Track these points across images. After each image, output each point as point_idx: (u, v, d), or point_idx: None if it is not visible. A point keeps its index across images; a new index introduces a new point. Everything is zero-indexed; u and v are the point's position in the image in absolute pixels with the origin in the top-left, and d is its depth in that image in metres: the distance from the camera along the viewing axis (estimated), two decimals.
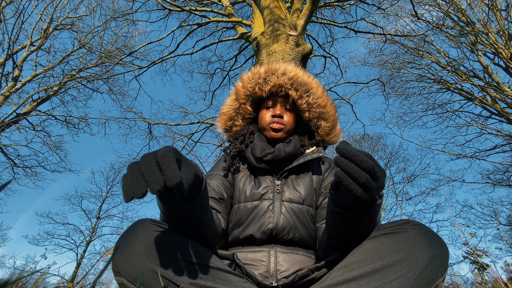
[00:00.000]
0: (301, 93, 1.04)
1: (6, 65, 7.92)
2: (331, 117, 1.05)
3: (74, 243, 11.93)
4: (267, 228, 0.86)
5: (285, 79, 1.04)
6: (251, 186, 0.96)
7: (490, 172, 9.13)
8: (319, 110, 1.04)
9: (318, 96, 1.04)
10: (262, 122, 1.06)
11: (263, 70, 1.07)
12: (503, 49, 7.71)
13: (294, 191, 0.94)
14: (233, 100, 1.12)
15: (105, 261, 9.07)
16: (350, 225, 0.64)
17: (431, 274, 0.55)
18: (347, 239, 0.68)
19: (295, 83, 1.04)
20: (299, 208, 0.91)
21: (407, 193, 13.30)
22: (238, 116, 1.11)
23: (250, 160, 1.00)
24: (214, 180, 0.97)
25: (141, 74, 6.60)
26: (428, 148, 8.81)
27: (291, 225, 0.87)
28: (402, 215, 11.53)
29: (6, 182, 0.28)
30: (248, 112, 1.11)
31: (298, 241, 0.88)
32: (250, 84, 1.07)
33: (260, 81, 1.06)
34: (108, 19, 7.97)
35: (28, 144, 8.40)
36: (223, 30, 7.47)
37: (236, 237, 0.90)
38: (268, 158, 0.96)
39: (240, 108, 1.11)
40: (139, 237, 0.61)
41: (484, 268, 1.86)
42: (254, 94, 1.08)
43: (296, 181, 0.98)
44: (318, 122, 1.06)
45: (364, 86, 7.52)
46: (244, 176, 1.01)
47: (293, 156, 0.98)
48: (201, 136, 7.11)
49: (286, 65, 1.07)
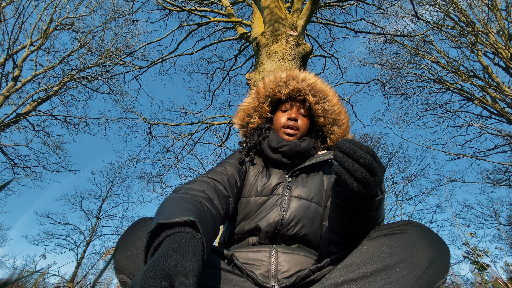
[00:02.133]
0: (318, 99, 1.10)
1: (6, 65, 7.93)
2: (344, 124, 1.12)
3: (74, 243, 11.95)
4: (273, 221, 0.88)
5: (304, 85, 1.10)
6: (263, 182, 0.99)
7: (490, 172, 9.15)
8: (334, 117, 1.10)
9: (334, 104, 1.11)
10: (277, 124, 1.13)
11: (284, 75, 1.14)
12: (503, 49, 7.71)
13: (303, 188, 0.97)
14: (253, 98, 1.19)
15: (105, 261, 9.07)
16: (350, 218, 0.65)
17: (432, 276, 0.55)
18: (347, 234, 0.69)
19: (313, 89, 1.10)
20: (307, 204, 0.93)
21: (407, 193, 13.31)
22: (256, 113, 1.18)
23: (266, 151, 1.04)
24: (232, 167, 1.00)
25: (141, 74, 6.61)
26: (428, 148, 8.81)
27: (297, 219, 0.89)
28: (402, 215, 11.53)
29: (6, 182, 0.28)
30: (265, 112, 1.17)
31: (302, 237, 0.89)
32: (271, 86, 1.14)
33: (280, 84, 1.13)
34: (108, 19, 7.98)
35: (28, 144, 8.41)
36: (223, 30, 7.47)
37: (242, 228, 0.92)
38: (284, 149, 1.00)
39: (259, 106, 1.17)
40: (140, 235, 0.62)
41: (484, 268, 1.86)
42: (273, 96, 1.15)
43: (306, 179, 1.01)
44: (332, 128, 1.12)
45: (364, 86, 7.54)
46: (257, 171, 1.04)
47: (307, 154, 1.03)
48: (201, 136, 7.12)
49: (306, 73, 1.14)
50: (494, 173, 9.01)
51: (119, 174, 13.51)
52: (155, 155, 7.65)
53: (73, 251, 11.73)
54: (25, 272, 8.97)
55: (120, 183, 13.79)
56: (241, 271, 0.75)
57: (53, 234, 11.96)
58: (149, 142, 7.29)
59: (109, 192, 13.26)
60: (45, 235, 11.88)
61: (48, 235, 11.86)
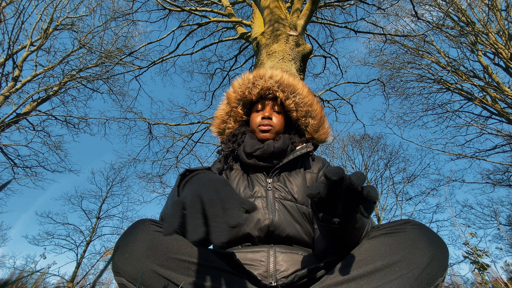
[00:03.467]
0: (288, 94, 1.11)
1: (6, 65, 7.93)
2: (318, 114, 1.12)
3: (74, 243, 11.94)
4: (264, 225, 0.87)
5: (272, 82, 1.11)
6: (244, 185, 0.99)
7: (490, 172, 9.14)
8: (306, 109, 1.11)
9: (304, 96, 1.11)
10: (253, 124, 1.13)
11: (251, 76, 1.15)
12: (503, 49, 7.70)
13: (286, 188, 0.96)
14: (225, 104, 1.20)
15: (105, 261, 9.08)
16: (340, 235, 0.63)
17: (431, 274, 0.55)
18: (341, 247, 0.68)
19: (281, 85, 1.11)
20: (292, 205, 0.93)
21: (407, 193, 13.29)
22: (230, 119, 1.18)
23: (242, 157, 1.04)
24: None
25: (141, 74, 6.60)
26: (428, 148, 8.81)
27: (287, 222, 0.88)
28: (402, 215, 11.53)
29: (6, 182, 0.28)
30: (240, 115, 1.17)
31: (295, 238, 0.89)
32: (240, 89, 1.15)
33: (249, 85, 1.13)
34: (108, 19, 7.97)
35: (28, 144, 8.40)
36: (223, 30, 7.47)
37: (233, 236, 0.91)
38: (258, 153, 1.00)
39: (232, 111, 1.18)
40: (139, 237, 0.61)
41: (484, 268, 1.86)
42: (244, 98, 1.15)
43: (288, 178, 1.00)
44: (306, 120, 1.12)
45: (364, 86, 7.53)
46: (238, 176, 1.04)
47: (283, 152, 1.02)
48: (201, 136, 7.11)
49: (273, 70, 1.14)
50: (494, 173, 9.01)
51: (119, 174, 13.52)
52: (155, 155, 7.65)
53: (73, 251, 11.73)
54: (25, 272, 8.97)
55: (120, 183, 13.78)
56: (240, 271, 0.75)
57: (53, 234, 11.95)
58: (149, 142, 7.28)
59: (109, 192, 13.25)
60: (45, 235, 11.88)
61: (48, 235, 11.85)
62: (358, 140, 13.16)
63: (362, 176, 0.49)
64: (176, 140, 7.12)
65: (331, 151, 13.03)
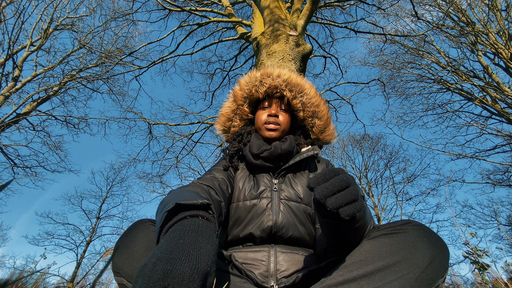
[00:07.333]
0: (295, 93, 1.10)
1: (6, 65, 7.93)
2: (324, 115, 1.11)
3: (74, 243, 11.94)
4: (267, 226, 0.87)
5: (279, 81, 1.10)
6: (250, 185, 0.98)
7: (490, 172, 9.14)
8: (313, 109, 1.10)
9: (311, 96, 1.10)
10: (258, 122, 1.11)
11: (259, 73, 1.13)
12: (503, 49, 7.70)
13: (291, 189, 0.96)
14: (231, 102, 1.18)
15: (105, 261, 9.06)
16: (341, 231, 0.63)
17: (431, 275, 0.55)
18: (343, 245, 0.68)
19: (289, 85, 1.09)
20: (297, 206, 0.92)
21: (407, 193, 13.28)
22: (236, 117, 1.17)
23: (248, 158, 1.03)
24: (220, 173, 1.00)
25: (141, 74, 6.60)
26: (428, 148, 8.80)
27: (290, 223, 0.88)
28: (402, 215, 11.53)
29: (6, 182, 0.28)
30: (246, 113, 1.15)
31: (298, 239, 0.88)
32: (247, 87, 1.13)
33: (256, 83, 1.12)
34: (108, 19, 7.97)
35: (28, 144, 8.40)
36: (223, 30, 7.47)
37: (235, 236, 0.91)
38: (265, 155, 0.99)
39: (238, 109, 1.16)
40: (139, 237, 0.61)
41: (484, 268, 1.86)
42: (251, 96, 1.13)
43: (293, 180, 1.00)
44: (312, 120, 1.11)
45: (364, 86, 7.53)
46: (243, 176, 1.03)
47: (289, 154, 1.02)
48: (201, 136, 7.11)
49: (281, 69, 1.13)
50: (494, 173, 9.01)
51: (119, 174, 13.52)
52: (155, 155, 7.66)
53: (73, 251, 11.73)
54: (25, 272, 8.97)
55: (120, 183, 13.80)
56: (240, 271, 0.75)
57: (53, 234, 11.95)
58: (149, 142, 7.28)
59: (109, 192, 13.26)
60: (45, 235, 11.88)
61: (48, 235, 11.85)
62: (358, 140, 13.16)
63: (329, 176, 0.56)
64: (176, 140, 7.12)
65: (331, 151, 13.03)
